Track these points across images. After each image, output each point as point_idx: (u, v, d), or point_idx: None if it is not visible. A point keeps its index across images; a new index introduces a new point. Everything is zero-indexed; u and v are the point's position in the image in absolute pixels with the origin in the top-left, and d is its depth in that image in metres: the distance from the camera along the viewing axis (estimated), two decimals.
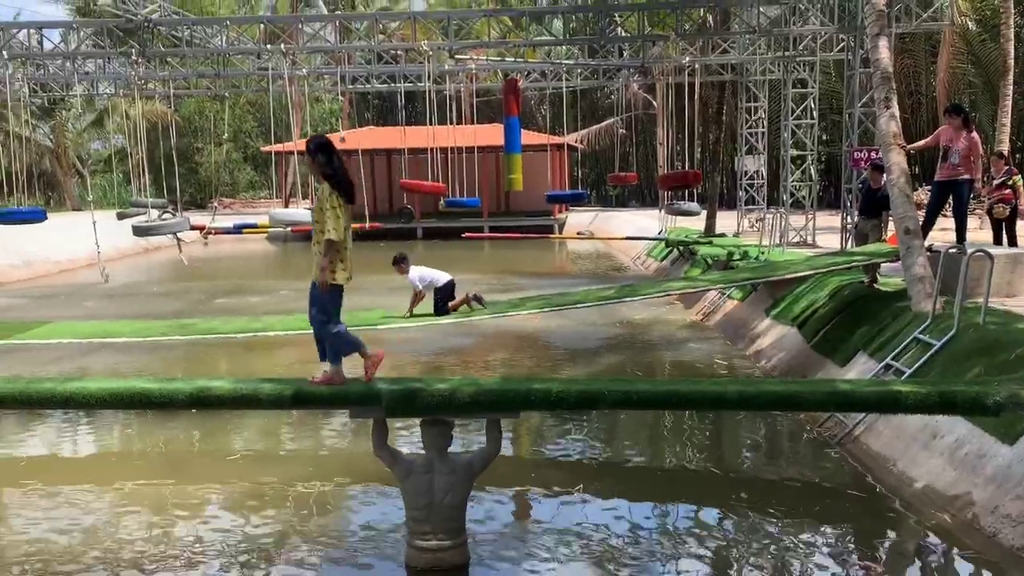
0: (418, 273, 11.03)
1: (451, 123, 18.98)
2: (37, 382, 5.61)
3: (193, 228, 17.01)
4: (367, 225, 19.18)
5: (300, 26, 21.18)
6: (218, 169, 45.59)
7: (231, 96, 34.50)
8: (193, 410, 7.02)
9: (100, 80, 20.09)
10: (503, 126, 17.01)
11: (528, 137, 27.48)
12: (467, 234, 24.38)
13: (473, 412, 5.57)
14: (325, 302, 5.75)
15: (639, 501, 6.89)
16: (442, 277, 11.22)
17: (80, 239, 18.44)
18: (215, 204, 35.74)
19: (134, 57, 13.97)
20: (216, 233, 17.35)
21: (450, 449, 5.69)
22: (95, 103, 36.31)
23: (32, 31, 16.74)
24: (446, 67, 19.52)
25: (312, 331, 6.01)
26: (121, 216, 18.44)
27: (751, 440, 8.70)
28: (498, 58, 20.53)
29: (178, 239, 16.74)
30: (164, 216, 17.53)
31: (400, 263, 11.01)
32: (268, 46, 15.46)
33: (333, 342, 5.79)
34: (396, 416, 5.59)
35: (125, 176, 47.42)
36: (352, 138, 29.79)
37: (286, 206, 32.53)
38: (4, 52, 15.56)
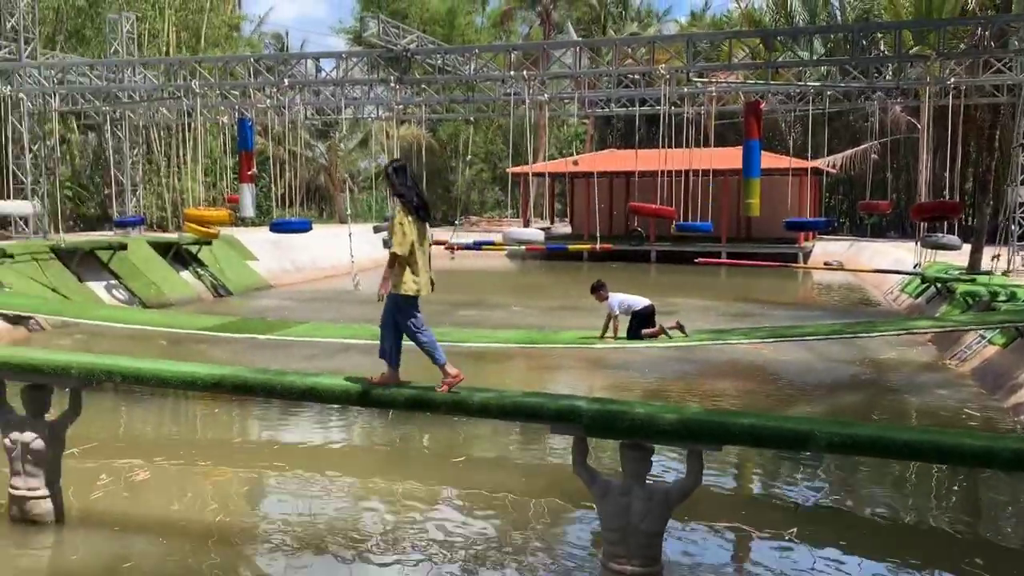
0: (618, 299, 11.01)
1: (687, 146, 18.75)
2: (281, 374, 6.26)
3: (435, 243, 18.04)
4: (597, 246, 19.41)
5: (545, 52, 21.99)
6: (468, 189, 48.18)
7: (482, 120, 36.42)
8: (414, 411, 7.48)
9: (364, 104, 22.06)
10: (742, 149, 16.54)
11: (771, 160, 26.45)
12: (700, 259, 23.85)
13: (673, 440, 5.49)
14: (396, 314, 6.16)
15: (857, 554, 6.39)
16: (640, 302, 11.10)
17: (345, 249, 20.43)
18: (460, 221, 37.79)
19: (392, 84, 15.29)
20: (457, 248, 18.39)
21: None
22: (362, 125, 39.87)
23: (310, 61, 18.89)
24: (685, 89, 19.36)
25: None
26: (376, 230, 20.04)
27: (998, 500, 7.79)
28: (741, 81, 20.03)
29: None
30: None
31: (598, 290, 11.02)
32: (511, 72, 16.23)
33: (423, 349, 6.18)
34: (595, 436, 5.64)
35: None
36: (589, 161, 30.27)
37: (525, 225, 33.70)
38: (285, 80, 17.62)
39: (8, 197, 20.83)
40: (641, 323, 10.89)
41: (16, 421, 6.76)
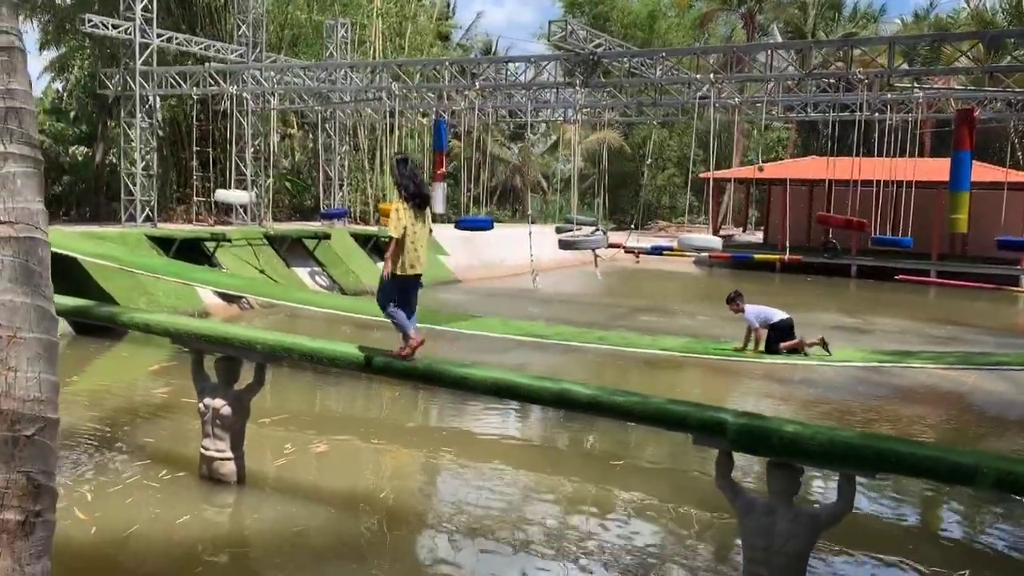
0: (755, 311, 10.54)
1: (892, 155, 17.50)
2: (437, 363, 6.56)
3: (611, 246, 18.11)
4: (786, 257, 18.58)
5: (746, 55, 21.25)
6: (660, 193, 47.53)
7: (677, 123, 35.79)
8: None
9: (554, 108, 22.36)
10: (950, 160, 15.24)
11: (985, 172, 24.11)
12: (901, 276, 22.21)
13: (821, 462, 5.23)
14: (384, 286, 6.82)
15: None
16: (777, 314, 10.56)
17: (538, 246, 21.00)
18: (643, 226, 37.42)
19: (577, 87, 15.46)
20: (638, 253, 18.29)
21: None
22: (555, 128, 40.49)
23: (510, 64, 19.50)
24: (889, 95, 18.08)
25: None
26: (559, 231, 20.33)
27: None
28: (950, 88, 18.42)
29: (596, 254, 17.95)
30: (594, 233, 18.93)
31: (734, 301, 10.60)
32: (698, 76, 15.87)
33: (390, 320, 6.86)
34: (741, 451, 5.48)
35: (581, 195, 52.20)
36: (787, 168, 28.97)
37: (715, 233, 32.84)
38: (476, 83, 18.27)
39: (231, 187, 23.03)
40: (779, 336, 10.44)
41: (210, 388, 7.51)
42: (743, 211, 41.46)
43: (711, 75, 15.32)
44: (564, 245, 18.11)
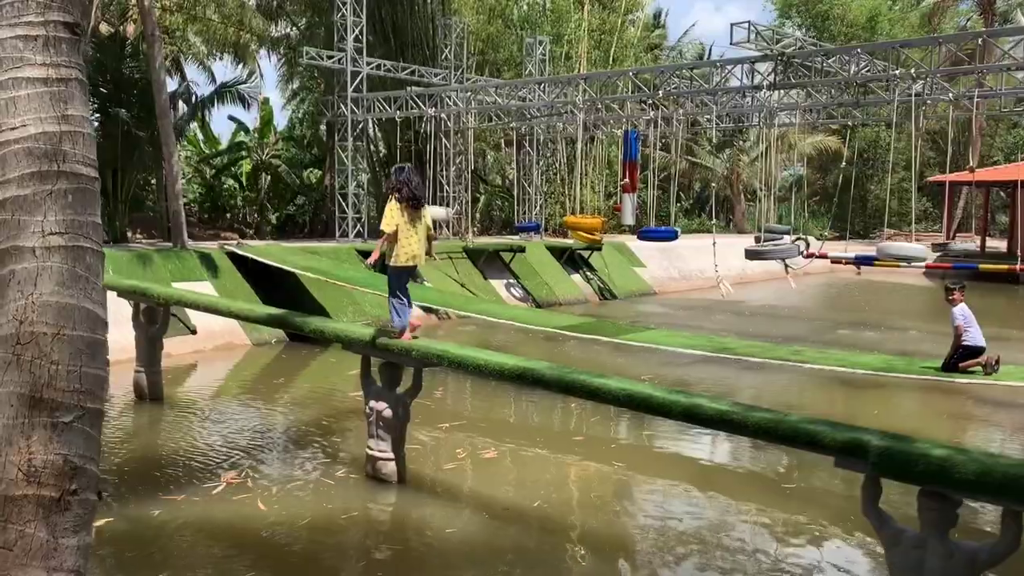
0: (964, 313, 9.65)
1: None
2: (571, 372, 6.55)
3: (811, 256, 17.07)
4: (1018, 266, 16.62)
5: (983, 45, 19.15)
6: (887, 199, 44.14)
7: (905, 124, 33.07)
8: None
9: (754, 111, 21.42)
10: None
11: None
12: None
13: (977, 493, 4.66)
14: (389, 279, 7.83)
15: None
16: (979, 339, 9.62)
17: (737, 257, 20.23)
18: (869, 235, 34.89)
19: (764, 89, 14.76)
20: (846, 263, 17.14)
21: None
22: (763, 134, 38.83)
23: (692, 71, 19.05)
24: None
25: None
26: (757, 240, 19.49)
27: None
28: None
29: (786, 265, 17.02)
30: (787, 242, 18.01)
31: (953, 291, 9.87)
32: (898, 71, 14.45)
33: (392, 304, 7.81)
34: (885, 476, 5.01)
35: (802, 203, 49.66)
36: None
37: (949, 239, 30.03)
38: (660, 91, 17.93)
39: (435, 203, 24.35)
40: (965, 356, 9.49)
41: (375, 391, 7.97)
42: (983, 217, 37.54)
43: (911, 70, 14.00)
44: (751, 255, 17.42)
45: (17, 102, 3.00)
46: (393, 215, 7.59)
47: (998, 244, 36.69)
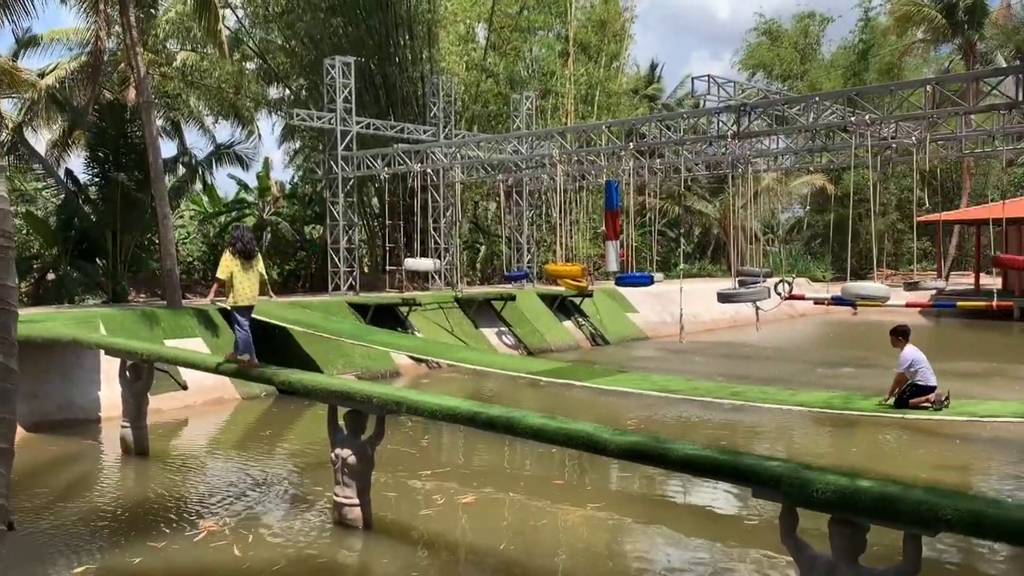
0: (912, 357, 9.94)
1: None
2: (516, 415, 6.86)
3: (791, 298, 17.39)
4: (994, 303, 16.91)
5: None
6: (880, 239, 44.49)
7: (897, 166, 33.60)
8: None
9: (735, 159, 21.93)
10: None
11: None
12: None
13: (877, 518, 4.95)
14: (233, 316, 9.78)
15: None
16: (930, 379, 9.91)
17: (732, 304, 20.65)
18: (863, 275, 35.13)
19: (729, 139, 15.29)
20: (821, 302, 17.48)
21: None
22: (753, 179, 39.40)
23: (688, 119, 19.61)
24: None
25: None
26: (740, 284, 19.84)
27: None
28: None
29: (757, 308, 17.34)
30: (781, 284, 18.31)
31: (897, 335, 10.26)
32: (853, 117, 14.97)
33: (236, 334, 9.83)
34: (796, 504, 5.30)
35: (805, 244, 50.10)
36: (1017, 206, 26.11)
37: (940, 278, 30.37)
38: (631, 144, 18.44)
39: (423, 256, 24.94)
40: (916, 393, 9.81)
41: (341, 439, 8.29)
42: (976, 255, 37.76)
43: (866, 116, 14.46)
44: (722, 298, 17.77)
45: None
46: (227, 265, 9.46)
47: (994, 281, 36.87)
